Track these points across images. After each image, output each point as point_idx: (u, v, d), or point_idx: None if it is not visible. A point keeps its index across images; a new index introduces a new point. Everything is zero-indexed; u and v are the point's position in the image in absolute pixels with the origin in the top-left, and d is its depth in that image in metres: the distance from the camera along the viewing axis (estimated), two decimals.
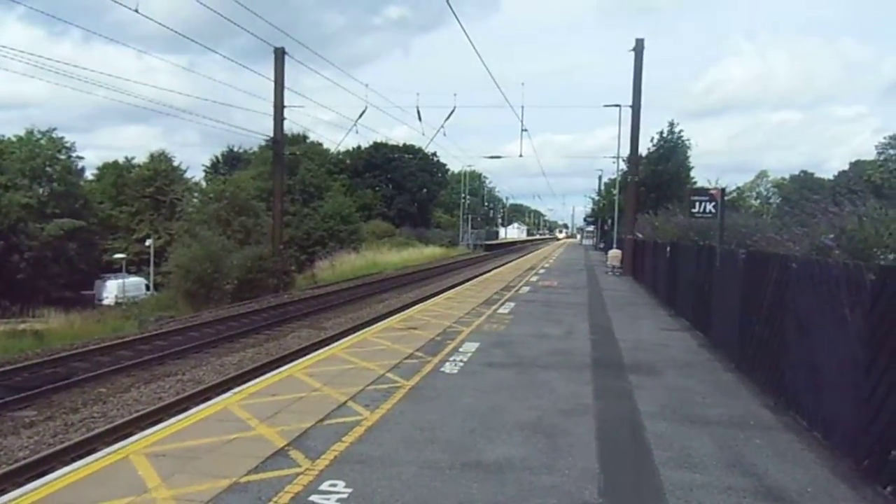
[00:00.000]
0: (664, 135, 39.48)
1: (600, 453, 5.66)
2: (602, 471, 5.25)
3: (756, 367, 8.32)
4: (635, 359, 9.88)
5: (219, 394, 8.70)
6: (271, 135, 30.44)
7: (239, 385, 8.63)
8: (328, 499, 4.65)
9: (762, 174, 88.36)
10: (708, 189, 14.41)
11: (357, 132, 45.65)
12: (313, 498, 4.66)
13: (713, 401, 7.58)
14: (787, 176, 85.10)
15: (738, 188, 34.40)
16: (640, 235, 27.39)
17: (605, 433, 6.24)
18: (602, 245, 54.78)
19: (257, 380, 8.21)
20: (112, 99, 70.02)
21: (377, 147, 72.80)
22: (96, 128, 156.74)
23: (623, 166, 37.26)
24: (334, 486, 4.86)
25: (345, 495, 4.71)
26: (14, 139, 51.95)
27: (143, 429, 7.29)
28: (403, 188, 77.98)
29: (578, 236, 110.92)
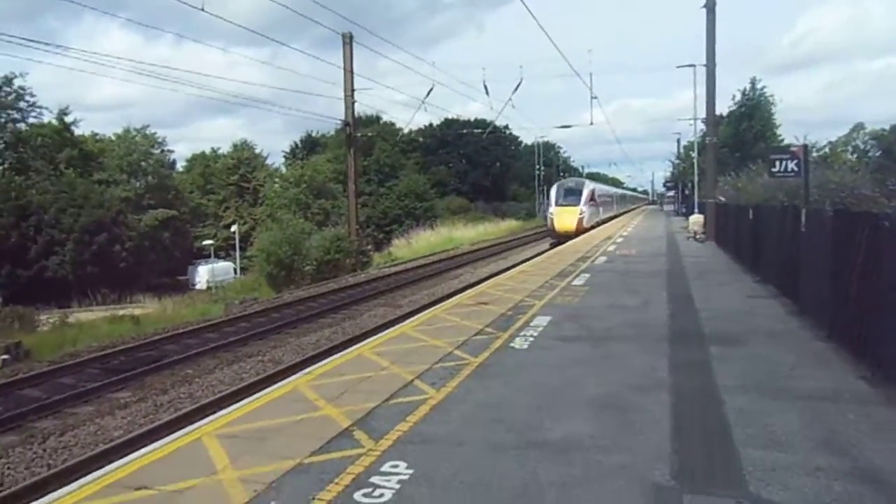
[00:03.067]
0: (745, 93, 37.39)
1: (674, 431, 5.35)
2: (675, 450, 4.95)
3: (850, 335, 7.67)
4: (716, 329, 9.37)
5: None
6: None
7: (314, 364, 8.75)
8: (389, 480, 4.60)
9: (858, 126, 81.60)
10: (789, 146, 13.42)
11: (426, 110, 45.82)
12: (374, 479, 4.63)
13: (802, 372, 7.06)
14: (886, 127, 77.93)
15: (831, 143, 32.06)
16: (722, 199, 26.09)
17: (680, 409, 5.90)
18: (683, 210, 52.75)
19: (327, 360, 8.30)
20: (200, 95, 73.29)
21: (448, 124, 72.63)
22: (186, 122, 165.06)
23: (701, 128, 35.54)
24: (395, 466, 4.82)
25: (405, 476, 4.65)
26: (113, 137, 55.15)
27: (221, 409, 7.51)
28: (476, 163, 77.53)
29: (659, 202, 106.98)
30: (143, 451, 5.48)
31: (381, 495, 4.39)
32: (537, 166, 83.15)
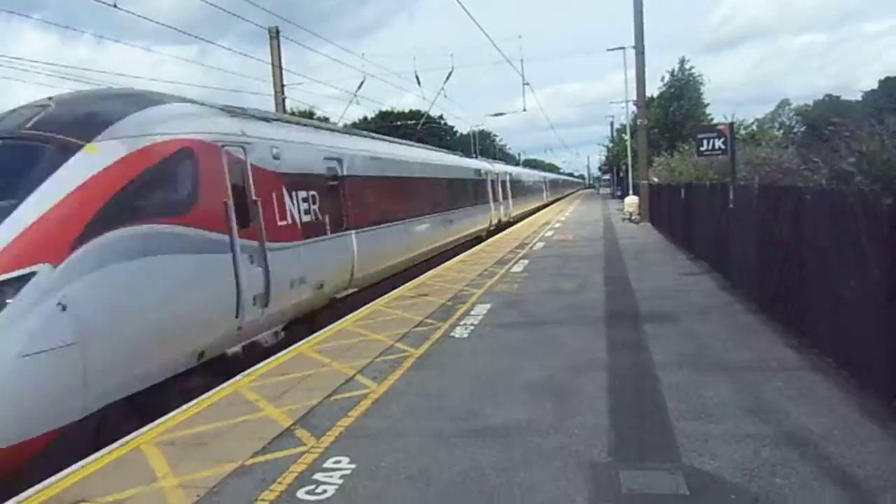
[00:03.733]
0: (674, 73, 38.46)
1: (611, 410, 5.49)
2: (612, 428, 5.08)
3: (778, 307, 8.03)
4: (651, 307, 9.64)
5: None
6: None
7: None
8: (331, 476, 4.57)
9: (784, 103, 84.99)
10: (716, 125, 13.90)
11: (359, 103, 44.88)
12: (317, 476, 4.59)
13: (733, 345, 7.34)
14: (810, 102, 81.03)
15: (758, 120, 33.36)
16: (655, 180, 26.86)
17: (616, 388, 6.06)
18: (619, 193, 54.05)
19: (269, 360, 8.14)
20: None
21: (383, 116, 72.12)
22: None
23: (633, 110, 36.44)
24: (338, 462, 4.79)
25: (348, 471, 4.63)
26: None
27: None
28: None
29: (595, 186, 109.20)
30: (79, 464, 5.27)
31: (325, 491, 4.36)
32: (474, 155, 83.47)
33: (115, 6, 13.81)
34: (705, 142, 12.64)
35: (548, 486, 4.23)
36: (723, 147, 12.50)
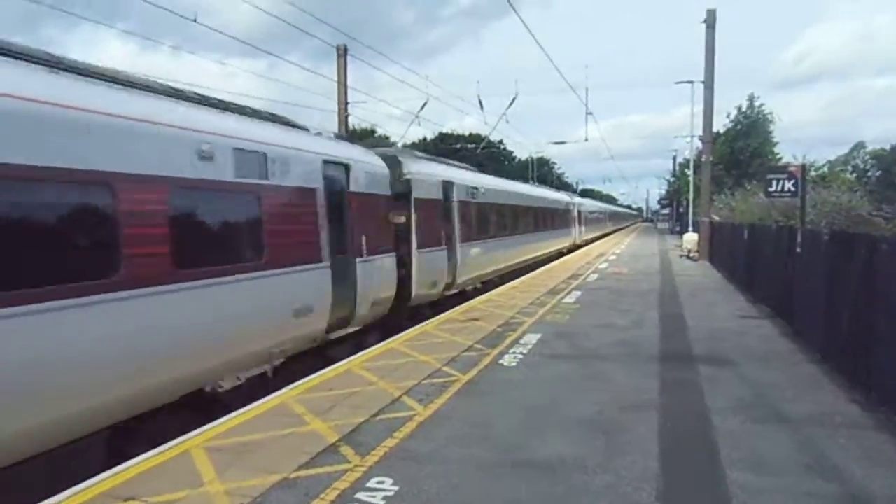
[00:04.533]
0: (742, 109, 37.59)
1: (662, 452, 5.33)
2: (662, 472, 4.92)
3: (844, 358, 7.68)
4: (707, 349, 9.35)
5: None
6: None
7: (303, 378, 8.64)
8: (374, 496, 4.56)
9: (858, 145, 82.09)
10: (787, 166, 13.48)
11: (419, 124, 45.51)
12: (360, 495, 4.59)
13: (793, 395, 7.03)
14: (887, 146, 77.82)
15: (830, 162, 32.20)
16: (716, 218, 26.20)
17: (668, 431, 5.88)
18: (678, 228, 52.90)
19: (316, 374, 8.23)
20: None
21: (442, 138, 72.77)
22: None
23: (698, 145, 35.77)
24: (381, 483, 4.78)
25: (391, 493, 4.61)
26: None
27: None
28: None
29: (653, 219, 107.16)
30: (131, 462, 5.42)
31: None
32: (532, 182, 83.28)
33: (194, 20, 14.42)
34: (774, 182, 12.25)
35: None
36: (793, 189, 12.08)
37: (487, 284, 18.64)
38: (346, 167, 10.36)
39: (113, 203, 5.86)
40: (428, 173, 14.49)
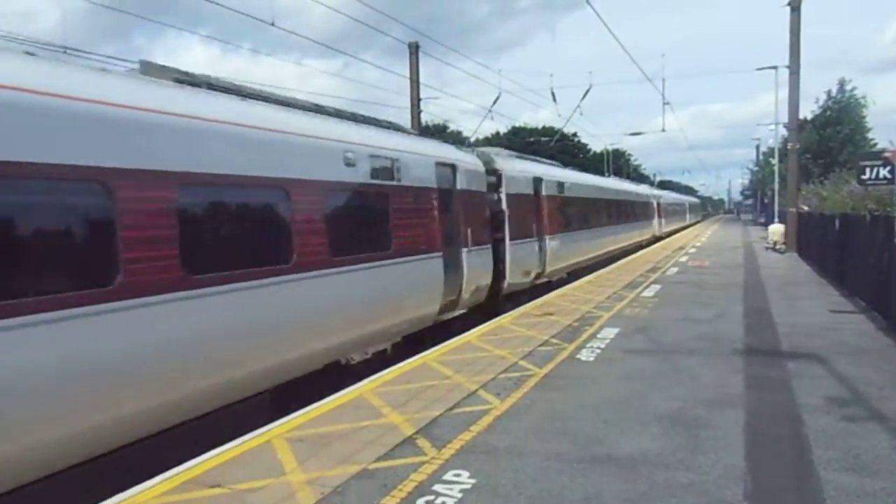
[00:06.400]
0: (832, 95, 35.54)
1: (748, 450, 5.12)
2: (749, 470, 4.73)
3: None
4: (796, 344, 8.91)
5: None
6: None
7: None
8: (451, 489, 4.59)
9: None
10: (882, 151, 12.62)
11: (493, 118, 45.40)
12: (437, 487, 4.63)
13: (891, 393, 6.61)
14: None
15: None
16: (805, 208, 24.91)
17: (755, 428, 5.64)
18: (762, 220, 50.61)
19: (393, 367, 8.37)
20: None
21: (515, 132, 72.28)
22: None
23: (783, 133, 34.07)
24: (458, 475, 4.81)
25: (468, 486, 4.63)
26: None
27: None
28: None
29: (736, 211, 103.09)
30: (216, 451, 5.67)
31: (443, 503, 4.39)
32: (607, 174, 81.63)
33: (272, 24, 14.90)
34: (868, 170, 11.49)
35: None
36: (889, 176, 11.30)
37: (571, 275, 19.32)
38: (453, 167, 11.56)
39: (288, 203, 7.23)
40: (519, 170, 15.56)
